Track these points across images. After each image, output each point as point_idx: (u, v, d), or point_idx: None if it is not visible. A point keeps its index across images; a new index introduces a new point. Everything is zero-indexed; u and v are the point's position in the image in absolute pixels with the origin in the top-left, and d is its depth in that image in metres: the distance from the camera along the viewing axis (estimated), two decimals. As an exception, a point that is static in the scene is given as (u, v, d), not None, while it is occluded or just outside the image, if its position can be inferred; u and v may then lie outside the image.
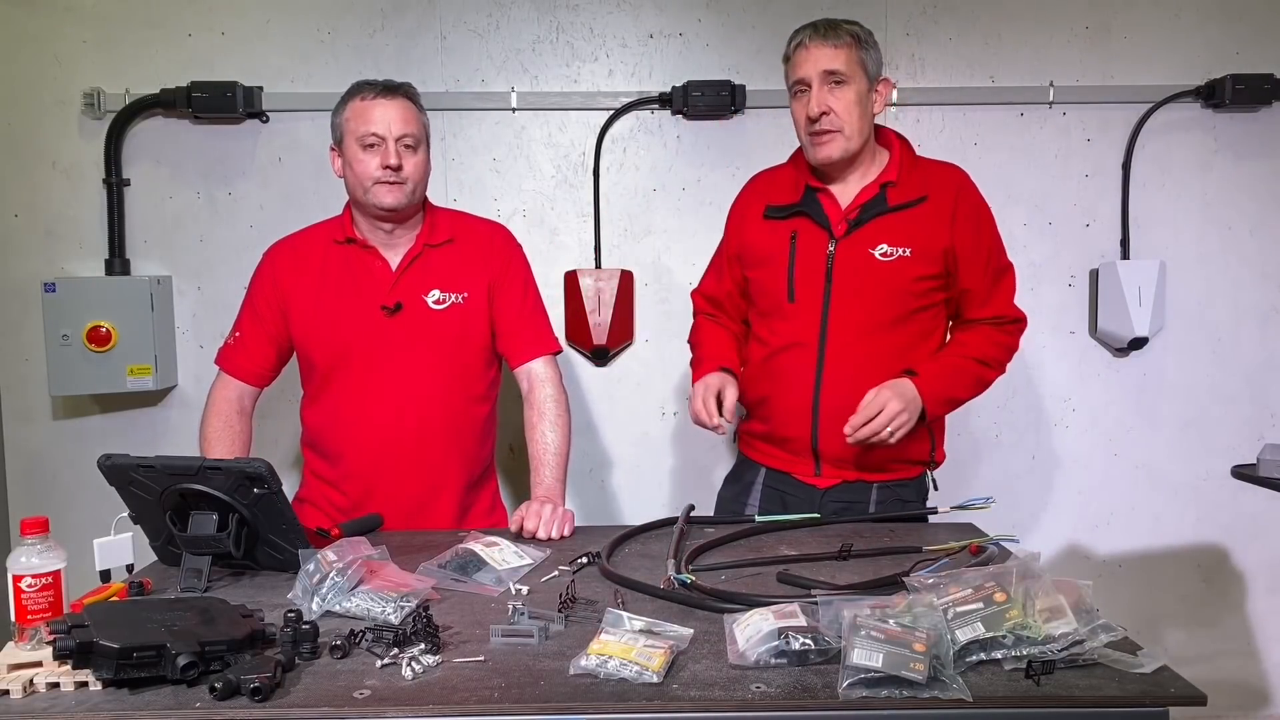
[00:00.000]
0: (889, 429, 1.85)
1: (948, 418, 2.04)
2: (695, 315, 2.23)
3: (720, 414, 1.94)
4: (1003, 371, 2.06)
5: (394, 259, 2.07)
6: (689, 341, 2.23)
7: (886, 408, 1.85)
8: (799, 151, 2.05)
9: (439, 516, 2.07)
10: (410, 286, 2.05)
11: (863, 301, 1.96)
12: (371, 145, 1.97)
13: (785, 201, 2.03)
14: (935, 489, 2.12)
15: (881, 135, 2.04)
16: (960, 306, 2.04)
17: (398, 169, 1.97)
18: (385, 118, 1.97)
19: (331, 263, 2.07)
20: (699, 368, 2.07)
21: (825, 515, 1.95)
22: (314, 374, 2.09)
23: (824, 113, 1.91)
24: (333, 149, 2.06)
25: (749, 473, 2.15)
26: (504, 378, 2.21)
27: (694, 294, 2.25)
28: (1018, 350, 2.08)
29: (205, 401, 2.13)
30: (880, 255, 1.95)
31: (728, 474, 2.25)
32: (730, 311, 2.17)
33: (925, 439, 2.04)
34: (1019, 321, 2.06)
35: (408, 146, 1.99)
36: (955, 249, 1.96)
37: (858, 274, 1.96)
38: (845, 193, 2.00)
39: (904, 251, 1.94)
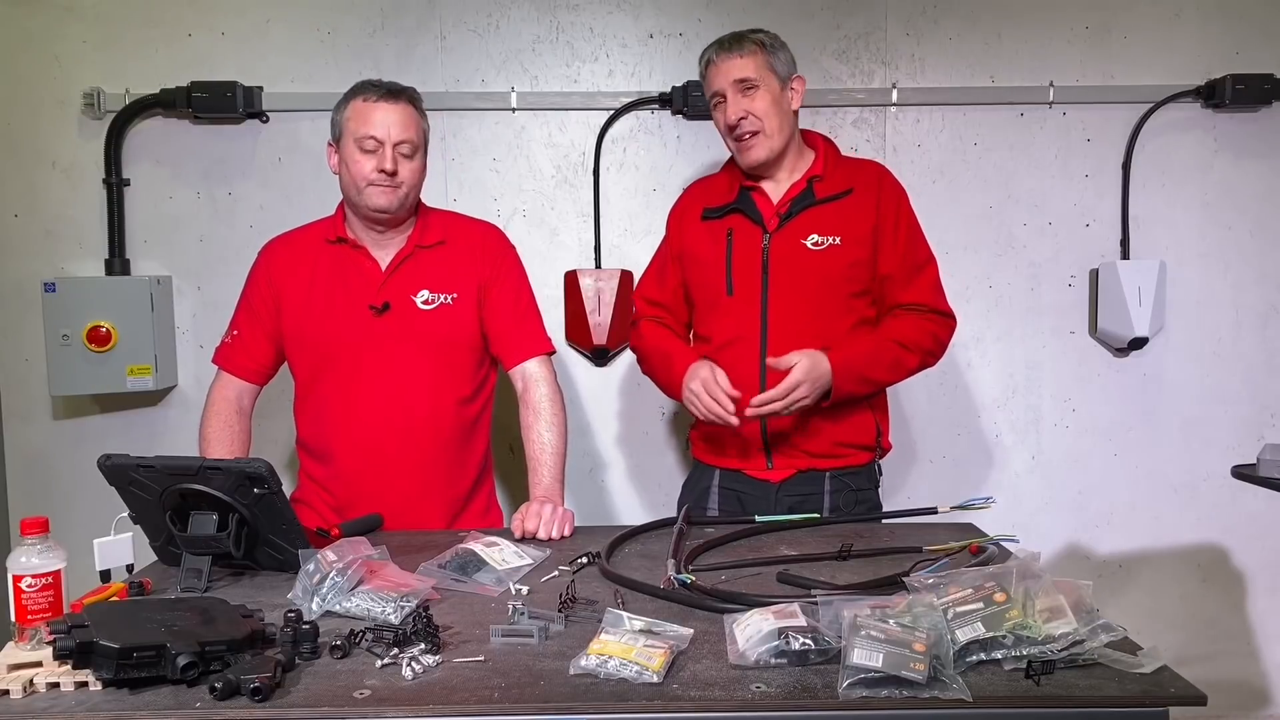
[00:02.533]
0: (787, 409, 1.92)
1: (946, 416, 2.04)
2: (638, 320, 2.24)
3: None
4: (929, 359, 2.07)
5: (384, 259, 2.07)
6: (633, 346, 2.26)
7: (795, 392, 1.90)
8: (731, 159, 2.15)
9: (428, 517, 2.06)
10: (399, 286, 2.05)
11: (799, 291, 2.02)
12: (369, 149, 1.97)
13: (721, 202, 2.11)
14: (880, 476, 2.17)
15: (807, 137, 2.14)
16: (882, 294, 2.07)
17: (393, 174, 1.97)
18: (385, 122, 1.97)
19: (323, 262, 2.07)
20: (672, 362, 2.07)
21: (782, 510, 1.99)
22: (303, 374, 2.10)
23: (742, 117, 2.02)
24: (330, 145, 2.06)
25: (704, 478, 2.17)
26: (501, 379, 2.21)
27: (634, 296, 2.29)
28: (946, 345, 2.10)
29: (204, 401, 2.13)
30: (812, 245, 2.02)
31: (684, 482, 2.28)
32: (674, 311, 2.20)
33: (869, 422, 2.09)
34: (947, 316, 2.09)
35: (404, 154, 1.99)
36: (879, 229, 2.04)
37: (792, 264, 2.02)
38: (776, 190, 2.09)
39: (834, 240, 2.02)
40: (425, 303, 2.06)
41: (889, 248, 2.04)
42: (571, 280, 2.89)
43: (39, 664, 1.23)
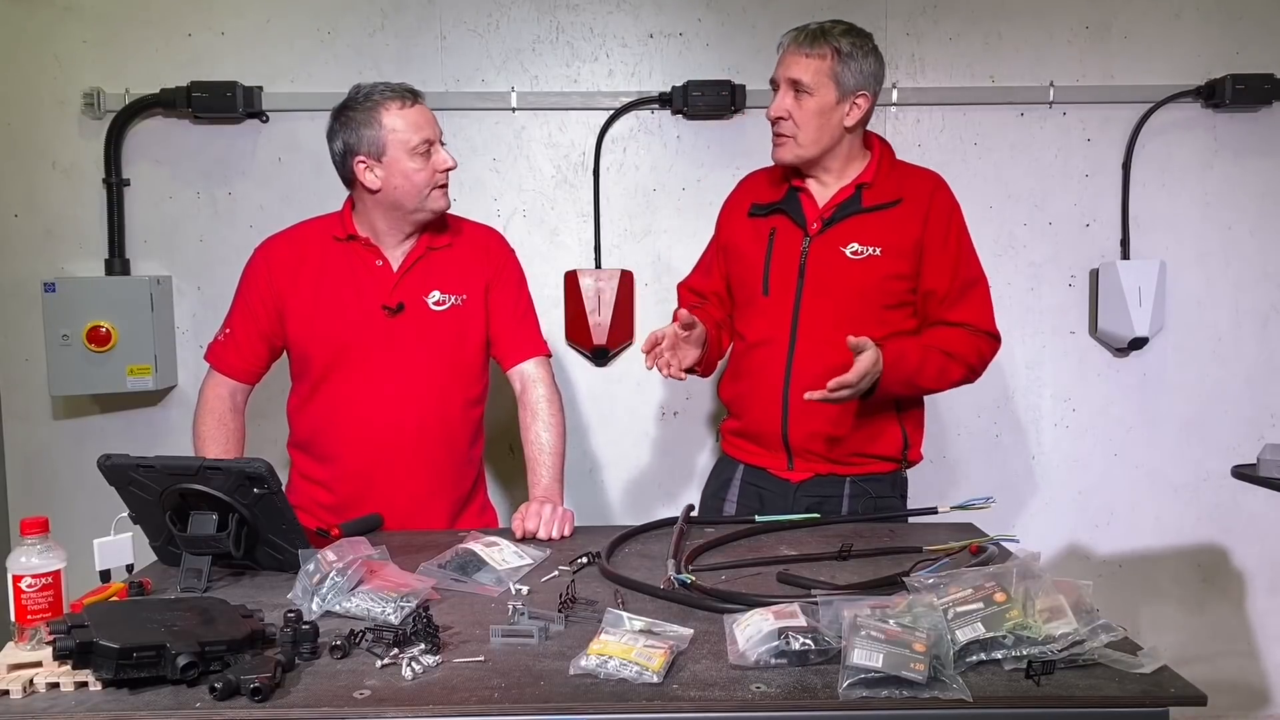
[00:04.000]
0: (830, 398, 1.84)
1: (947, 416, 2.03)
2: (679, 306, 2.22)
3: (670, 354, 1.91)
4: (971, 376, 2.03)
5: (395, 259, 2.06)
6: None
7: (842, 390, 1.82)
8: None
9: (432, 518, 2.07)
10: (412, 287, 2.05)
11: (833, 298, 1.99)
12: (425, 152, 1.97)
13: (769, 200, 2.09)
14: (907, 486, 2.13)
15: (866, 138, 2.08)
16: (926, 310, 2.02)
17: (454, 168, 2.01)
18: (428, 121, 1.99)
19: (330, 260, 2.06)
20: None
21: (799, 510, 1.97)
22: (309, 373, 2.08)
23: (781, 116, 1.98)
24: (361, 162, 1.96)
25: (728, 470, 2.17)
26: (499, 380, 2.21)
27: (680, 286, 2.28)
28: (988, 364, 2.05)
29: (197, 400, 2.13)
30: (851, 254, 1.99)
31: (710, 471, 2.28)
32: (717, 303, 2.18)
33: (896, 435, 2.06)
34: (994, 338, 2.05)
35: (444, 145, 2.02)
36: (924, 244, 1.99)
37: (828, 271, 2.00)
38: (824, 193, 2.05)
39: (874, 251, 1.98)
40: (437, 303, 2.06)
41: (936, 263, 1.99)
42: (571, 280, 2.89)
43: (39, 664, 1.23)
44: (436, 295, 2.06)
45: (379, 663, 1.25)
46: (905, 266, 1.98)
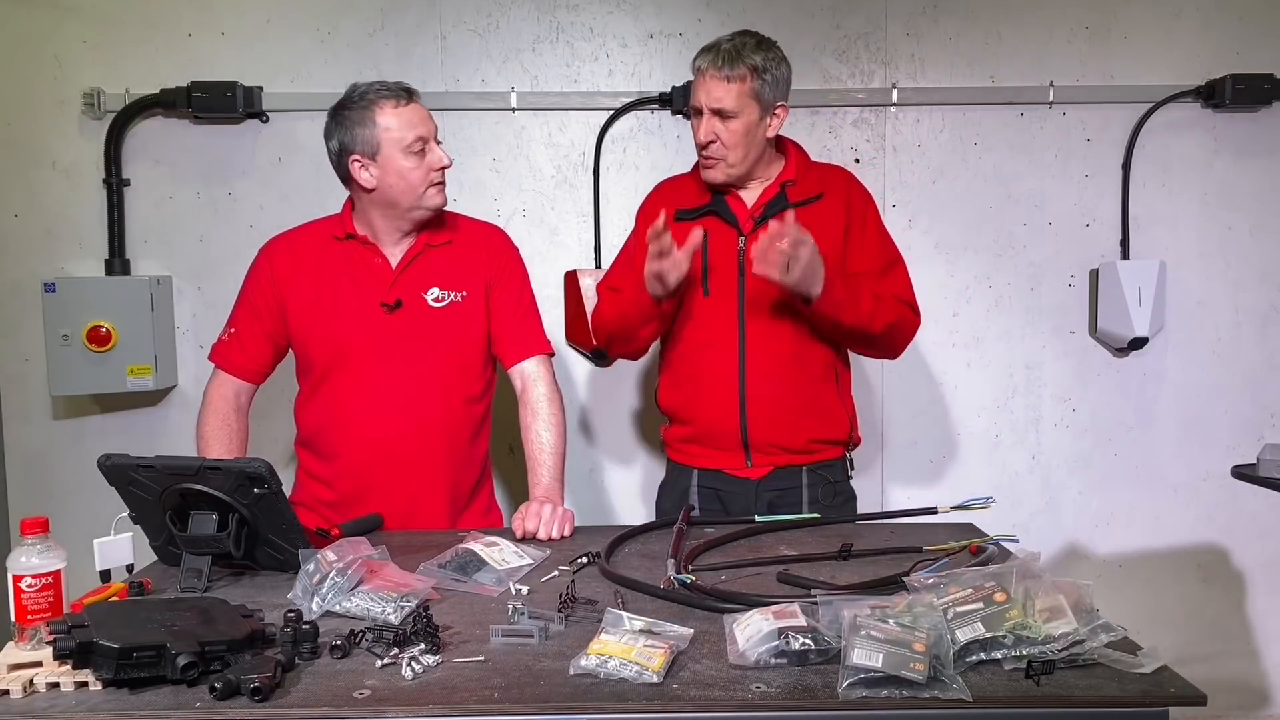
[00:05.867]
0: (793, 247, 1.85)
1: (947, 416, 2.03)
2: (600, 304, 2.22)
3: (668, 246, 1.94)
4: (897, 336, 2.06)
5: (394, 257, 2.06)
6: (597, 324, 2.20)
7: (802, 235, 1.85)
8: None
9: (432, 516, 2.06)
10: (410, 284, 2.05)
11: (776, 293, 2.01)
12: (419, 150, 1.97)
13: (694, 204, 2.11)
14: (853, 469, 2.20)
15: (779, 141, 2.14)
16: None
17: (449, 166, 2.00)
18: (423, 119, 1.99)
19: (330, 259, 2.07)
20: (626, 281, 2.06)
21: (762, 506, 2.02)
22: (311, 371, 2.09)
23: (711, 140, 2.01)
24: (356, 160, 1.97)
25: (682, 479, 2.18)
26: (501, 379, 2.21)
27: (600, 287, 2.28)
28: (910, 338, 2.11)
29: (201, 400, 2.13)
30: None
31: (660, 484, 2.29)
32: None
33: (843, 417, 2.13)
34: (916, 311, 2.11)
35: (439, 143, 2.02)
36: (849, 232, 2.06)
37: None
38: (749, 194, 2.11)
39: None
40: (436, 300, 2.06)
41: (859, 246, 2.07)
42: (571, 280, 2.88)
43: (39, 664, 1.23)
44: (436, 292, 2.06)
45: (379, 663, 1.25)
46: (836, 255, 2.03)
